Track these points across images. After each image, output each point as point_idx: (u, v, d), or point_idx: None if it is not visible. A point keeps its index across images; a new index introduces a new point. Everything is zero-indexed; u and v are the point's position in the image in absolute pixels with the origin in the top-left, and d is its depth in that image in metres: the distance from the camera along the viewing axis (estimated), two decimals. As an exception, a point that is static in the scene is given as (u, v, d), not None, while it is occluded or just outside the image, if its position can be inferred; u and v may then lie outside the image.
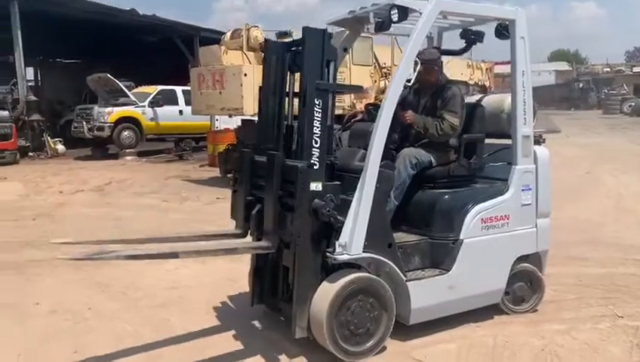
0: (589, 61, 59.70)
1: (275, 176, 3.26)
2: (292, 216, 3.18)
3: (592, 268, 5.02)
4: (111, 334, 3.70)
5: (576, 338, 3.56)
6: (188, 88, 13.55)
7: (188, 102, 14.29)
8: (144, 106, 15.79)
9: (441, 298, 3.56)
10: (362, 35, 4.22)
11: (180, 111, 16.01)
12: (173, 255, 3.25)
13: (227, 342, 3.57)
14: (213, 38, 16.40)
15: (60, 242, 3.59)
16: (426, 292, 3.48)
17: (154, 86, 16.75)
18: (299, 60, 3.38)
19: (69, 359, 3.36)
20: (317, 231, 3.19)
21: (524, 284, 3.96)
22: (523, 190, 3.86)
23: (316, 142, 3.23)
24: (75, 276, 4.94)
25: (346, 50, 4.13)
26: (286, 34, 11.55)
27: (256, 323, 3.84)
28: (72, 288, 4.63)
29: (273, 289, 3.62)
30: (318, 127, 3.23)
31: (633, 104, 31.65)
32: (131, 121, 15.55)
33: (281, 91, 3.64)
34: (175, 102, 16.24)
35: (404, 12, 3.40)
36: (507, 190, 3.82)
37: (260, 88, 3.70)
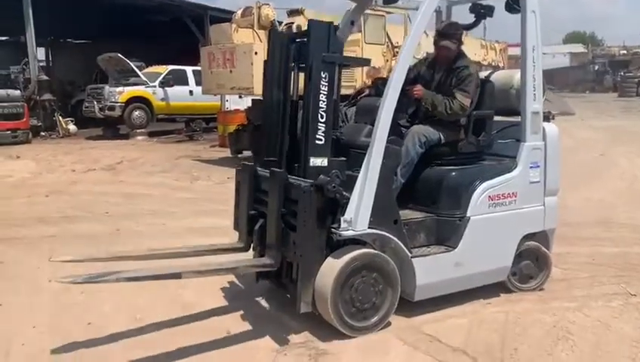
0: (604, 43, 58.70)
1: (278, 194, 3.22)
2: (295, 236, 3.15)
3: (605, 248, 5.00)
4: (124, 308, 3.72)
5: (588, 316, 3.56)
6: (198, 68, 13.52)
7: (198, 83, 14.25)
8: (155, 86, 15.75)
9: (447, 275, 3.54)
10: (375, 13, 4.17)
11: (191, 92, 15.97)
12: (176, 275, 3.17)
13: (236, 323, 3.55)
14: (223, 17, 16.28)
15: (61, 260, 3.51)
16: (432, 269, 3.46)
17: (164, 66, 16.71)
18: (304, 52, 3.32)
19: (84, 330, 3.39)
20: (322, 206, 3.15)
21: (531, 262, 3.93)
22: (531, 167, 3.81)
23: (322, 117, 3.18)
24: (89, 251, 4.96)
25: (353, 23, 4.05)
26: (297, 12, 11.45)
27: (263, 302, 3.83)
28: (85, 264, 4.66)
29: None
30: (324, 101, 3.18)
31: (649, 87, 31.18)
32: (142, 101, 15.54)
33: (285, 87, 3.57)
34: (185, 83, 16.20)
35: None
36: (515, 167, 3.77)
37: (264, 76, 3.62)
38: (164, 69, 16.47)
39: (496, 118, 4.00)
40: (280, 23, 11.49)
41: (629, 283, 4.07)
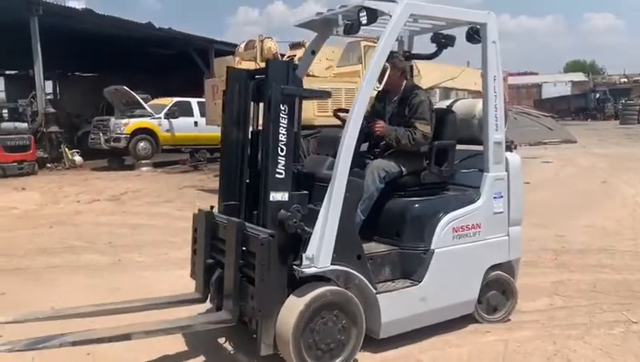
0: (605, 72, 59.19)
1: (235, 246, 3.12)
2: (253, 290, 3.03)
3: (607, 275, 4.96)
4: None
5: (590, 344, 3.53)
6: (203, 100, 13.70)
7: (203, 114, 14.43)
8: (160, 118, 15.95)
9: (413, 310, 3.45)
10: (374, 44, 4.17)
11: (195, 123, 16.14)
12: (125, 337, 2.99)
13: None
14: (227, 50, 16.61)
15: (5, 322, 3.31)
16: (397, 305, 3.37)
17: (170, 98, 16.95)
18: (263, 89, 3.25)
19: (83, 361, 3.39)
20: (283, 242, 3.07)
21: (497, 293, 3.88)
22: (495, 198, 3.77)
23: (282, 150, 3.11)
24: (89, 282, 5.02)
25: (314, 52, 4.05)
26: (299, 45, 11.67)
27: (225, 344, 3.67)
28: (87, 293, 4.69)
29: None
30: (284, 134, 3.11)
31: (650, 114, 31.29)
32: (147, 133, 15.71)
33: (245, 124, 3.50)
34: (190, 114, 16.39)
35: (373, 15, 3.28)
36: (479, 198, 3.73)
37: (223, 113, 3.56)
38: (169, 101, 16.69)
39: (460, 147, 3.97)
40: (282, 55, 11.70)
41: (631, 311, 4.06)
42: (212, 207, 3.61)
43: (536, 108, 31.40)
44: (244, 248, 3.16)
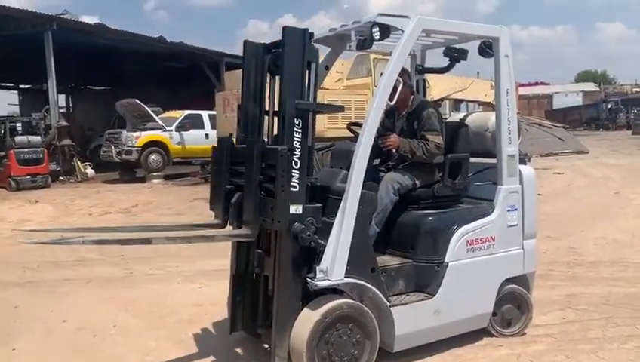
0: (617, 81, 58.79)
1: (256, 160, 3.15)
2: (273, 202, 3.06)
3: (620, 288, 4.92)
4: (136, 349, 3.75)
5: (603, 358, 3.50)
6: (214, 113, 13.80)
7: (214, 126, 14.54)
8: (171, 130, 16.09)
9: (427, 323, 3.45)
10: (384, 57, 4.20)
11: (206, 135, 16.24)
12: (147, 241, 3.11)
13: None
14: (238, 63, 16.69)
15: (26, 230, 3.51)
16: (411, 318, 3.37)
17: (181, 111, 17.10)
18: (279, 62, 3.25)
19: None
20: (297, 255, 3.10)
21: (512, 307, 3.85)
22: (509, 210, 3.76)
23: (296, 164, 3.12)
24: (102, 295, 5.07)
25: (327, 68, 4.08)
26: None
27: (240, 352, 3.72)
28: (99, 306, 4.75)
29: (253, 315, 3.52)
30: (298, 148, 3.13)
31: (663, 124, 31.01)
32: (159, 145, 15.84)
33: (262, 95, 3.49)
34: (201, 126, 16.51)
35: (385, 30, 3.33)
36: (493, 211, 3.72)
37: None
38: (180, 114, 16.84)
39: (474, 160, 3.97)
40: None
41: (645, 325, 4.01)
42: (231, 135, 3.61)
43: (548, 119, 31.25)
44: (263, 164, 3.19)
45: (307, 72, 3.22)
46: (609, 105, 40.86)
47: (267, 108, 3.52)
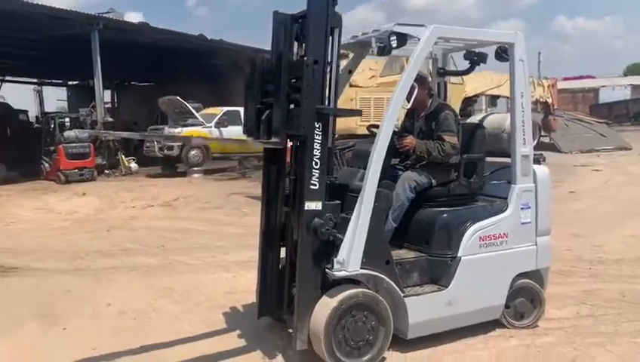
0: (668, 73, 56.42)
1: (284, 73, 3.35)
2: (299, 111, 3.29)
3: (638, 285, 4.95)
4: (172, 331, 4.09)
5: (611, 352, 3.60)
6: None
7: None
8: (211, 127, 16.51)
9: (439, 313, 3.65)
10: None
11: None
12: (186, 140, 3.25)
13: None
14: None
15: None
16: (424, 308, 3.58)
17: (220, 107, 17.53)
18: (305, 30, 3.44)
19: (137, 353, 3.76)
20: (317, 247, 3.35)
21: (525, 300, 4.00)
22: (522, 208, 3.91)
23: (316, 164, 3.34)
24: (143, 282, 5.44)
25: (350, 72, 4.32)
26: (343, 54, 11.92)
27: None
28: (141, 292, 5.11)
29: (278, 302, 3.78)
30: (318, 149, 3.34)
31: None
32: (199, 141, 16.34)
33: (290, 47, 3.61)
34: (239, 123, 16.80)
35: (402, 39, 3.56)
36: (506, 209, 3.88)
37: None
38: (219, 111, 17.22)
39: (490, 160, 4.14)
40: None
41: (659, 321, 4.07)
42: (264, 58, 3.79)
43: (592, 113, 30.44)
44: (290, 78, 3.39)
45: (330, 37, 3.42)
46: (660, 100, 39.35)
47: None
